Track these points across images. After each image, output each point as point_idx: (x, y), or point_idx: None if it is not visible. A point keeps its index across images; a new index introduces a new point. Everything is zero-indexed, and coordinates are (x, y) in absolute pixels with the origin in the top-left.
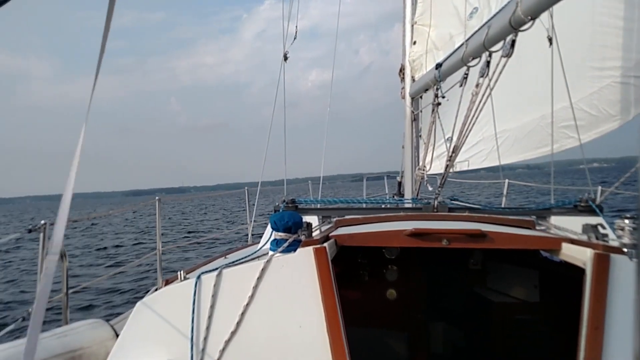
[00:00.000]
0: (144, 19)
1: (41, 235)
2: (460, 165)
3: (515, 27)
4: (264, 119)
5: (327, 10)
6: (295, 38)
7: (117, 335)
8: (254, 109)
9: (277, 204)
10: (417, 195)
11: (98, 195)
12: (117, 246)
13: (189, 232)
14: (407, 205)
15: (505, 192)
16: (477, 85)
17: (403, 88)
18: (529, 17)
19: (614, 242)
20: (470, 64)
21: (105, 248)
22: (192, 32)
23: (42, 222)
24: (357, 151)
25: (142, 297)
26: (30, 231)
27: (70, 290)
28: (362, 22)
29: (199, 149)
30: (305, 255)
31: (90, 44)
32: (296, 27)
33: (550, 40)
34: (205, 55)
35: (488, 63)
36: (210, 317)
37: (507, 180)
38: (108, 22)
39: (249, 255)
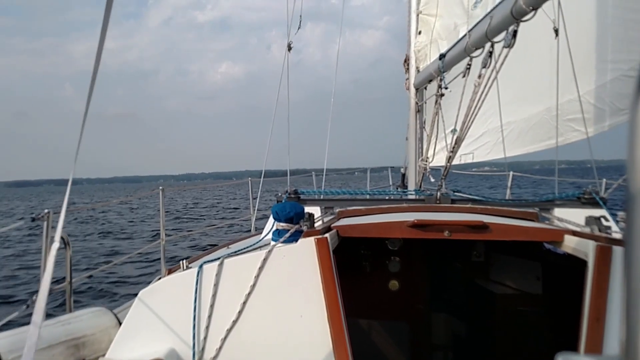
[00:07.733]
0: None
1: (45, 223)
2: (464, 157)
3: (516, 17)
4: (170, 110)
5: (238, 3)
6: (299, 27)
7: (120, 323)
8: (159, 99)
9: (279, 194)
10: (420, 186)
11: None
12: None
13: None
14: (410, 197)
15: (509, 184)
16: (479, 76)
17: (407, 79)
18: (531, 7)
19: (617, 235)
20: (473, 54)
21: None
22: (92, 14)
23: (46, 210)
24: (263, 146)
25: (145, 286)
26: (34, 219)
27: (74, 279)
28: (274, 18)
29: (96, 139)
30: (307, 246)
31: None
32: (300, 16)
33: (556, 31)
34: (106, 39)
35: (490, 53)
36: (212, 306)
37: (511, 173)
38: (107, 14)
39: (251, 245)
